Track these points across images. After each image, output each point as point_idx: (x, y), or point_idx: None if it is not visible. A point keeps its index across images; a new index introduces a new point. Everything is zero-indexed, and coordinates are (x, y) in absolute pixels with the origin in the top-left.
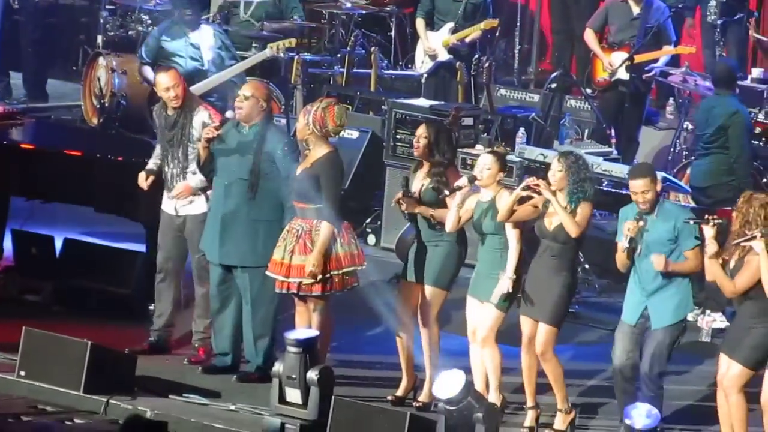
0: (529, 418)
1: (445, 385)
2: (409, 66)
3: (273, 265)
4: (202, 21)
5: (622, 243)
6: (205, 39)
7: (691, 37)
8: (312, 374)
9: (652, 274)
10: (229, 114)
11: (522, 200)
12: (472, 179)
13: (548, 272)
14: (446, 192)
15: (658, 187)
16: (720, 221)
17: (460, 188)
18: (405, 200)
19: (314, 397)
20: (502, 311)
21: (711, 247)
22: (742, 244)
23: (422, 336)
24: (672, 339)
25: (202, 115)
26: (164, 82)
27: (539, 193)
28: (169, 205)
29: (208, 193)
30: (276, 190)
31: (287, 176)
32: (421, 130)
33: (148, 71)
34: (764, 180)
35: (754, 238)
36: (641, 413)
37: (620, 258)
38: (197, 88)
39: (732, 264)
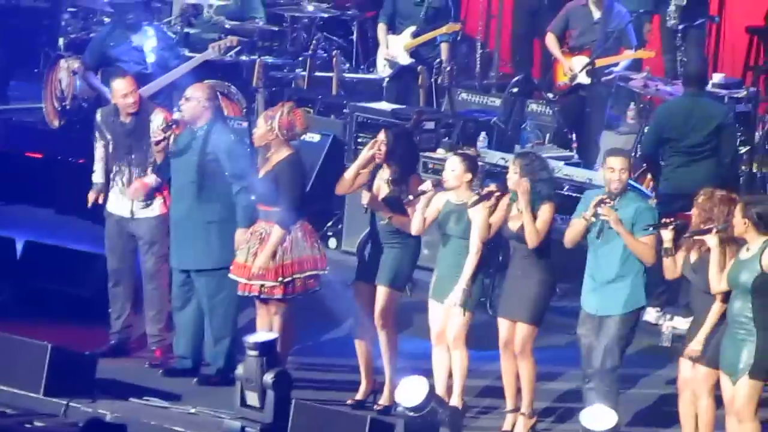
0: (507, 422)
1: (408, 392)
2: (371, 69)
3: (236, 267)
4: (144, 23)
5: (586, 214)
6: (147, 41)
7: (648, 42)
8: (268, 377)
9: (607, 262)
10: (176, 116)
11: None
12: (436, 183)
13: (521, 272)
14: (410, 197)
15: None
16: (677, 222)
17: (424, 192)
18: (367, 194)
19: (270, 400)
20: (469, 312)
21: (668, 249)
22: (696, 237)
23: (380, 338)
24: (622, 332)
25: (158, 119)
26: (122, 89)
27: (499, 197)
28: (121, 208)
29: (165, 194)
30: (225, 190)
31: (234, 174)
32: (381, 136)
33: (91, 76)
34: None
35: (709, 231)
36: (597, 415)
37: (575, 231)
38: (144, 91)
39: (692, 259)
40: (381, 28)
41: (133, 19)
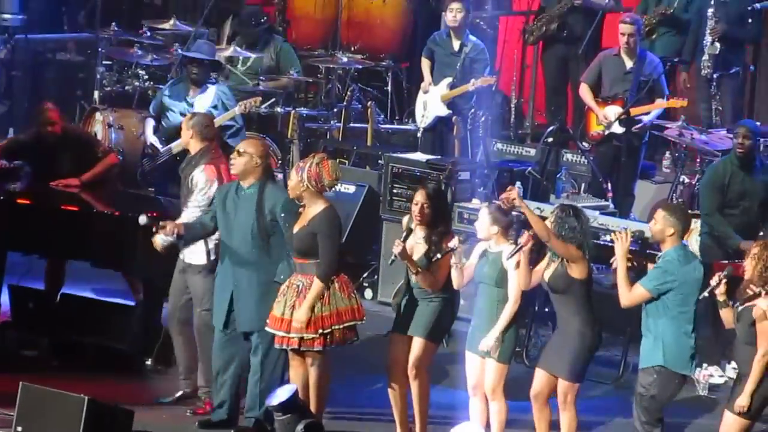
0: None
1: None
2: (407, 120)
3: (273, 320)
4: (210, 82)
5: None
6: (203, 97)
7: (686, 91)
8: (299, 428)
9: (647, 315)
10: (234, 170)
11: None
12: (464, 239)
13: (561, 324)
14: (438, 255)
15: (657, 226)
16: (726, 273)
17: (453, 249)
18: (400, 244)
19: None
20: (505, 363)
21: (723, 302)
22: (746, 305)
23: (412, 389)
24: (645, 387)
25: (199, 173)
26: None
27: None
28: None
29: (210, 245)
30: (282, 249)
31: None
32: (421, 197)
33: (148, 123)
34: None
35: (758, 296)
36: None
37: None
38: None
39: (739, 309)
40: (425, 63)
41: (198, 76)
